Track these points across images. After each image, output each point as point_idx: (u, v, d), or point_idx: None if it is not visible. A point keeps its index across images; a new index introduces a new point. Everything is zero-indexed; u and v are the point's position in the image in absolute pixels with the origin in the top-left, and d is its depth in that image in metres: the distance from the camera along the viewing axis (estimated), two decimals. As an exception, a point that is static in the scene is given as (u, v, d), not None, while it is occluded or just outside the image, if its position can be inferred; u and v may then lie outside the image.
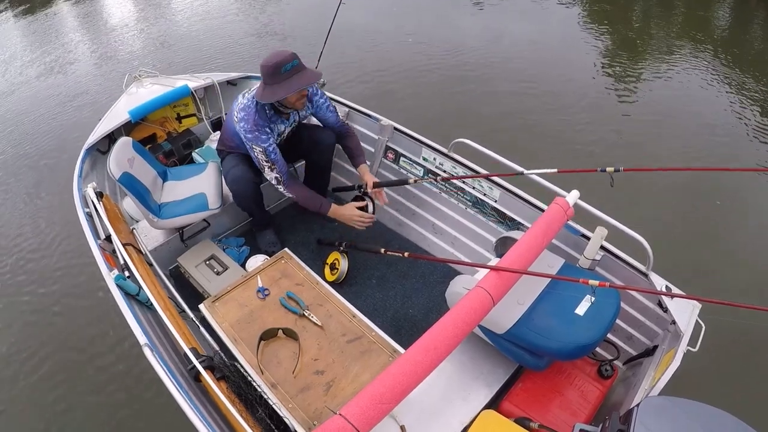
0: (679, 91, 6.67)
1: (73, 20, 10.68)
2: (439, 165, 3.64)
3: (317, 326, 2.89)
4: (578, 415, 2.58)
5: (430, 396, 2.65)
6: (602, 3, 9.24)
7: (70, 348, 3.90)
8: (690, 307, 2.56)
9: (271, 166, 3.24)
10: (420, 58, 7.44)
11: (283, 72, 2.92)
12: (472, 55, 7.50)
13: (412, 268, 3.75)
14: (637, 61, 7.36)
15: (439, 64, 7.30)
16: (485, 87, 6.73)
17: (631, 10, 9.10)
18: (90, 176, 3.69)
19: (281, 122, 3.33)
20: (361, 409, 1.83)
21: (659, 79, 6.93)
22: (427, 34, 8.09)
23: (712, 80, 6.84)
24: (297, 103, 3.16)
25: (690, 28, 8.32)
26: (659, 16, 8.88)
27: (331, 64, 7.02)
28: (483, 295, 2.25)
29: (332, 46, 4.33)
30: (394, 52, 7.67)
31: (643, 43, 7.98)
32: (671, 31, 8.27)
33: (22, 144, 6.53)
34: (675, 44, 7.80)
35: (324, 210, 3.36)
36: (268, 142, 3.17)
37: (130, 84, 4.40)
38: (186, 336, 2.51)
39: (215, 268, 3.46)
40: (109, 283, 2.65)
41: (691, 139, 5.72)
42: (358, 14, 8.29)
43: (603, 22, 8.46)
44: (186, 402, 2.11)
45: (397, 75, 7.03)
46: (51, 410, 3.51)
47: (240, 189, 3.42)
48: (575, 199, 2.84)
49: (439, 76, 7.01)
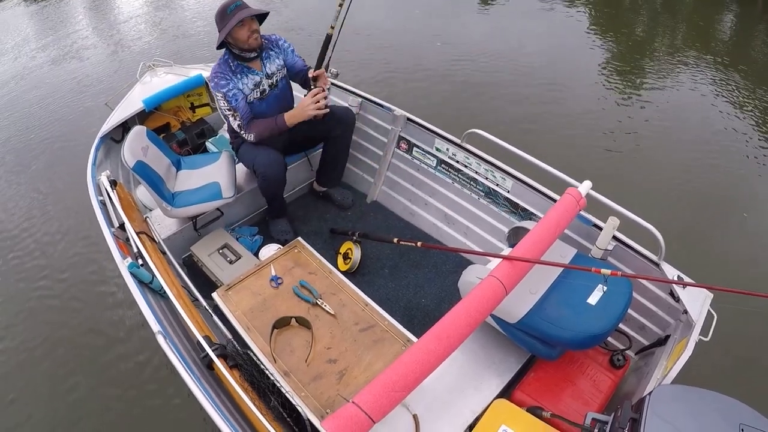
0: (689, 97, 6.54)
1: (84, 8, 10.73)
2: (452, 155, 3.64)
3: (330, 315, 2.90)
4: (590, 405, 2.58)
5: (443, 385, 2.66)
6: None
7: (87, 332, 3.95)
8: (702, 297, 2.55)
9: (233, 113, 3.29)
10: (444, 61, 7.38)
11: (229, 12, 3.08)
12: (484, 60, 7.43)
13: (425, 258, 3.75)
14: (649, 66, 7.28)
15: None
16: (497, 90, 6.65)
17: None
18: (104, 164, 3.72)
19: (253, 73, 3.33)
20: (373, 397, 1.84)
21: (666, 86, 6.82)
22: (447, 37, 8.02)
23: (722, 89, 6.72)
24: (251, 41, 3.18)
25: (697, 35, 8.19)
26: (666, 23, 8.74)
27: (355, 60, 7.14)
28: (495, 284, 2.26)
29: (358, 45, 4.24)
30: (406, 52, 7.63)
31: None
32: (676, 39, 8.14)
33: (33, 128, 6.63)
34: (681, 51, 7.68)
35: (282, 124, 3.38)
36: (227, 88, 3.22)
37: (144, 73, 4.42)
38: (199, 324, 2.52)
39: (228, 256, 3.48)
40: (122, 271, 2.66)
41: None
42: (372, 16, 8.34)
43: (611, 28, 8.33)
44: (199, 389, 2.12)
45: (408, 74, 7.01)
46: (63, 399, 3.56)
47: (271, 173, 3.43)
48: (587, 190, 2.83)
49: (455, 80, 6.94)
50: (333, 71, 4.16)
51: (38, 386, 3.63)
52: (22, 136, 6.50)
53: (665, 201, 4.79)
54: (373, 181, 4.20)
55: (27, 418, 3.46)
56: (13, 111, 7.12)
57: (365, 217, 4.11)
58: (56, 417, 3.46)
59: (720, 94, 6.43)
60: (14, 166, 5.93)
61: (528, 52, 7.49)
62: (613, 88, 6.66)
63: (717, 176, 5.12)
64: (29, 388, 3.63)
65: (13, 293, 4.35)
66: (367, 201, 4.23)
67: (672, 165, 5.21)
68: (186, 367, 2.24)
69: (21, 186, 5.60)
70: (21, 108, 7.18)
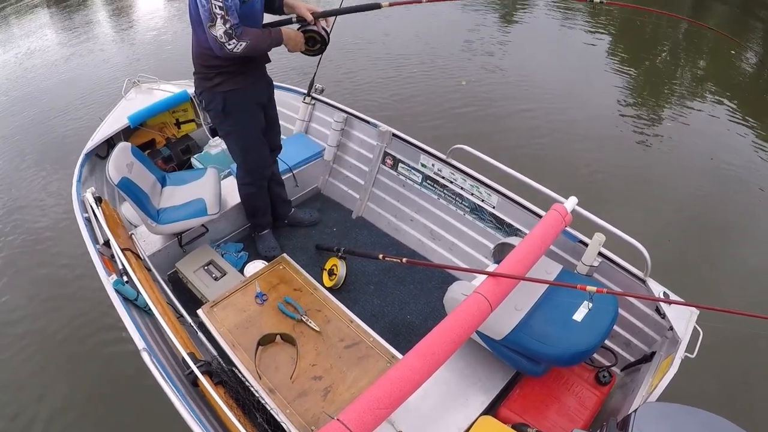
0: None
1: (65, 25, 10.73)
2: (438, 171, 3.65)
3: (315, 331, 2.89)
4: (576, 421, 2.59)
5: (428, 401, 2.65)
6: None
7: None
8: (688, 314, 2.56)
9: (225, 14, 2.60)
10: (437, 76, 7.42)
11: None
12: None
13: (410, 274, 3.75)
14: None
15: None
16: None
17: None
18: (89, 181, 3.70)
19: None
20: (359, 414, 1.83)
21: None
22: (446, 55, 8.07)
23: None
24: None
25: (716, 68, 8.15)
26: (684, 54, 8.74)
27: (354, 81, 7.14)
28: (481, 300, 2.26)
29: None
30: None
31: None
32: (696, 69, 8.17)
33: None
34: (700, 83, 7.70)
35: (278, 37, 2.92)
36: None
37: (129, 89, 4.41)
38: (184, 341, 2.51)
39: (213, 273, 3.46)
40: (107, 288, 2.65)
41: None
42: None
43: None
44: (184, 407, 2.11)
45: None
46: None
47: (261, 174, 3.44)
48: (573, 206, 2.85)
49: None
50: (318, 87, 4.18)
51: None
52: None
53: (656, 220, 4.84)
54: (359, 197, 4.20)
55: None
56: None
57: (351, 233, 4.10)
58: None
59: (733, 127, 6.44)
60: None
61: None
62: (607, 104, 6.73)
63: (713, 201, 5.17)
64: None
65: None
66: (353, 217, 4.23)
67: (669, 184, 5.27)
68: (171, 384, 2.22)
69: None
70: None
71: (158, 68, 7.47)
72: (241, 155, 3.38)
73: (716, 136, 6.16)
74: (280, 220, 4.05)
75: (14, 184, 5.74)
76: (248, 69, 3.07)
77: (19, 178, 5.83)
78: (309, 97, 4.29)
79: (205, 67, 2.99)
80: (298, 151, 4.20)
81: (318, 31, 3.03)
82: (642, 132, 6.21)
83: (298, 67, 3.43)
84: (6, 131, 6.89)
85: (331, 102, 4.17)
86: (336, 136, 4.16)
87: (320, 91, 4.26)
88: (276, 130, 3.57)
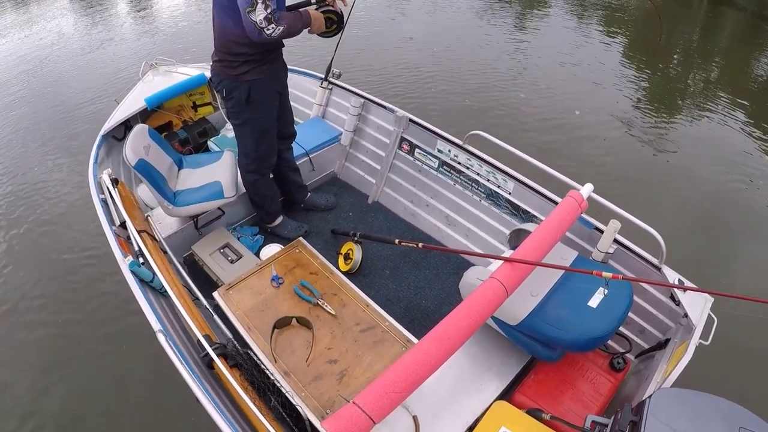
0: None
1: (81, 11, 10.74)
2: (454, 157, 3.64)
3: (331, 315, 2.91)
4: (590, 407, 2.59)
5: (443, 386, 2.66)
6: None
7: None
8: (702, 301, 2.56)
9: (266, 0, 2.63)
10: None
11: None
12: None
13: (426, 259, 3.75)
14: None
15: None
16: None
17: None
18: (105, 163, 3.71)
19: None
20: (374, 397, 1.84)
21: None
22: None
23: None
24: None
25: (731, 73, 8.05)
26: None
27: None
28: (497, 286, 2.26)
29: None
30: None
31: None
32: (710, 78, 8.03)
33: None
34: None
35: (307, 19, 2.98)
36: None
37: (147, 72, 4.42)
38: (199, 323, 2.52)
39: (229, 256, 3.48)
40: (123, 269, 2.66)
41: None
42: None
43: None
44: (199, 388, 2.12)
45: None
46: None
47: (268, 155, 3.43)
48: (589, 192, 2.84)
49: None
50: (335, 71, 4.18)
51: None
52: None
53: (673, 210, 4.83)
54: (375, 182, 4.20)
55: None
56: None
57: (366, 217, 4.11)
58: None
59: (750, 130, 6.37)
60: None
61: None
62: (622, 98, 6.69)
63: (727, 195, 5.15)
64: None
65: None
66: (369, 202, 4.23)
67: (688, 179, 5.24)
68: (186, 366, 2.24)
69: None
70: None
71: (175, 52, 7.50)
72: (254, 143, 3.37)
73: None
74: (296, 204, 4.07)
75: (32, 165, 5.82)
76: (272, 58, 3.10)
77: (35, 161, 5.89)
78: (326, 81, 4.31)
79: (231, 55, 2.98)
80: (314, 136, 4.21)
81: (335, 11, 3.12)
82: (659, 129, 6.18)
83: (316, 54, 3.42)
84: (23, 110, 6.97)
85: (349, 87, 4.17)
86: (353, 120, 4.16)
87: (338, 75, 4.26)
88: (289, 116, 3.58)
